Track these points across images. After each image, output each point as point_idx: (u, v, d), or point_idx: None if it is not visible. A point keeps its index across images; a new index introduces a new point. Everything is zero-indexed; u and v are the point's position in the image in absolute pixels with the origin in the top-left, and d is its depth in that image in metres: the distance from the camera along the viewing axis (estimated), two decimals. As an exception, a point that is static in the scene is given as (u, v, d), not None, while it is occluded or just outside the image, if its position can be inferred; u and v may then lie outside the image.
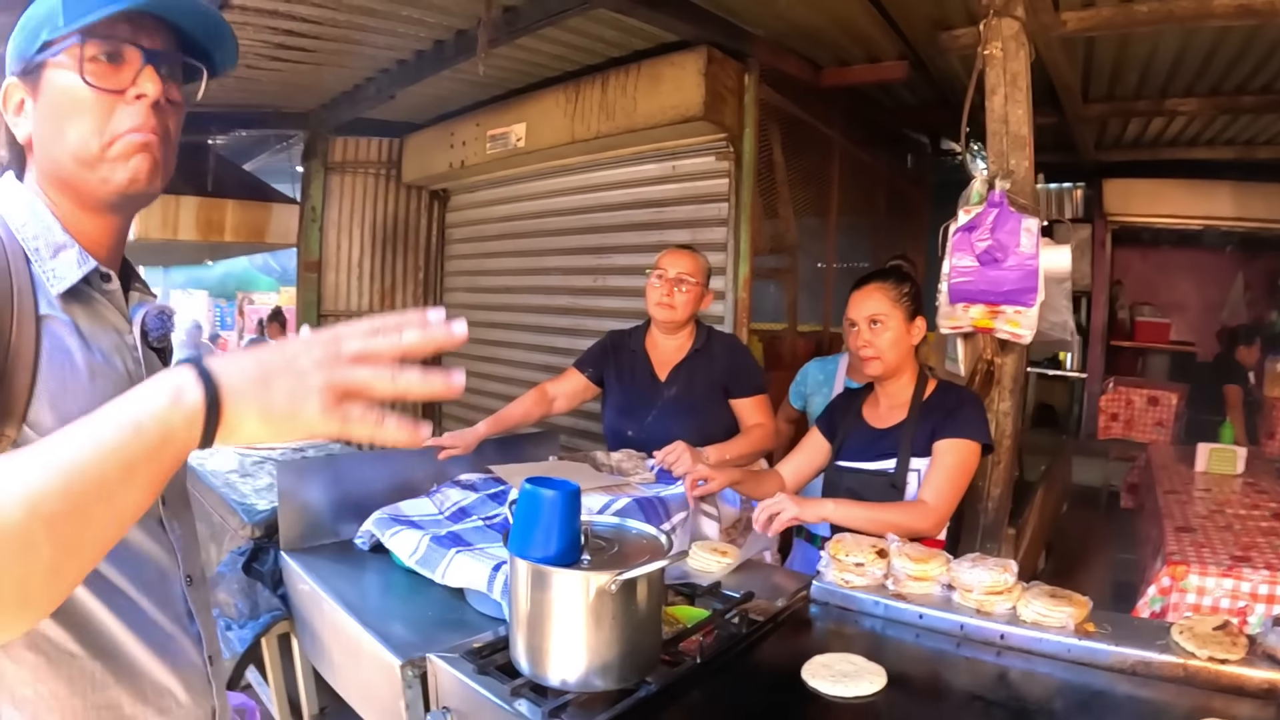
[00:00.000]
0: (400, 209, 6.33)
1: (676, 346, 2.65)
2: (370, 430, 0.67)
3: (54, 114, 0.93)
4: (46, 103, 0.94)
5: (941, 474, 1.97)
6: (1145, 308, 7.23)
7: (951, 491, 1.96)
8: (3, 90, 0.96)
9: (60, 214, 0.96)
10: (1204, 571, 2.37)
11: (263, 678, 2.32)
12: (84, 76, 0.90)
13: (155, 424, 0.63)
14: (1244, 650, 1.30)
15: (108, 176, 0.94)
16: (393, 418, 0.67)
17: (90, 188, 0.95)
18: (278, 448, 3.49)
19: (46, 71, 0.93)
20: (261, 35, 3.77)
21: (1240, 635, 1.34)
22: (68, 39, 0.90)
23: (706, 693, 1.25)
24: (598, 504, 1.97)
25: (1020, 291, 2.35)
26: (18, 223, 0.93)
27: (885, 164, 6.09)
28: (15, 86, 0.96)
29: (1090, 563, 4.33)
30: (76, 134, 0.92)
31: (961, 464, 1.98)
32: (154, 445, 0.63)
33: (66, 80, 0.92)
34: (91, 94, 0.91)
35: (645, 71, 3.98)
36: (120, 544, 0.86)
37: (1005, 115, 2.59)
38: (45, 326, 0.89)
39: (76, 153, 0.92)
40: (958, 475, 1.97)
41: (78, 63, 0.91)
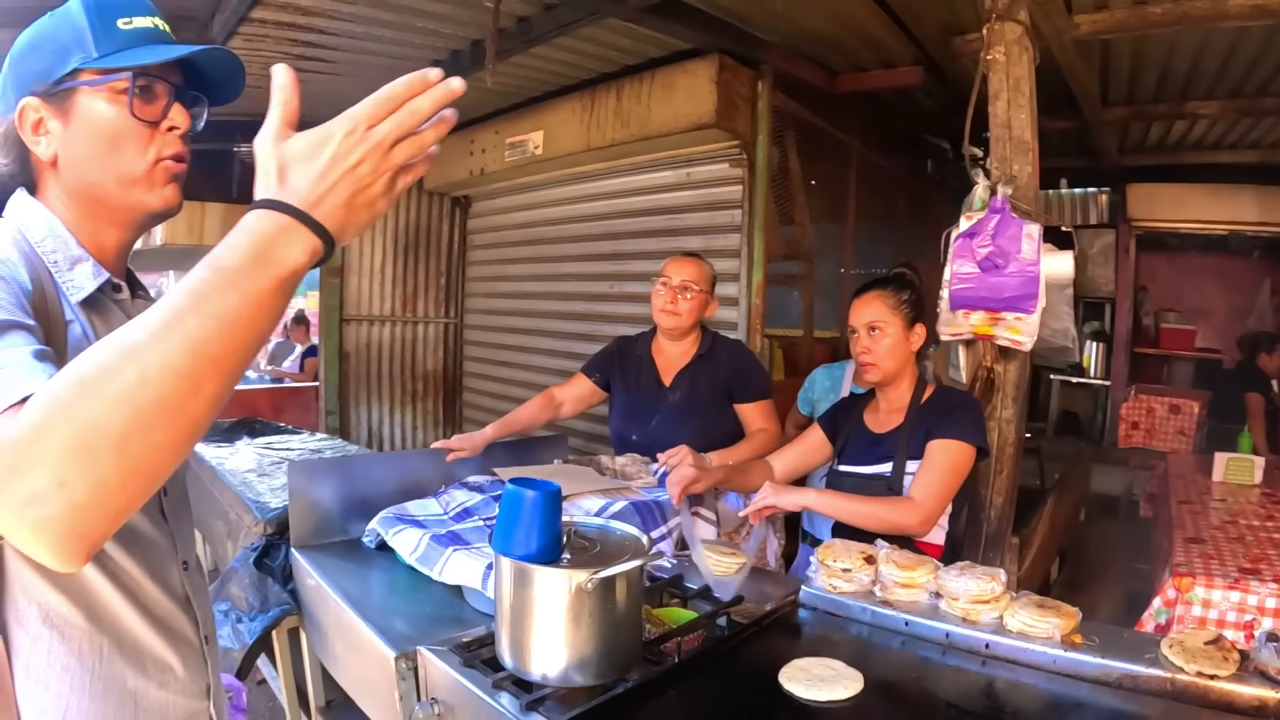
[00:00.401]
0: (422, 215, 6.43)
1: (681, 352, 2.68)
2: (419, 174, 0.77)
3: (94, 139, 0.99)
4: (84, 128, 0.99)
5: (930, 472, 1.96)
6: (1170, 314, 7.13)
7: (939, 490, 1.94)
8: (19, 108, 0.98)
9: (76, 229, 1.02)
10: (1210, 584, 2.33)
11: (274, 670, 2.38)
12: (132, 111, 0.98)
13: (294, 277, 0.71)
14: (1235, 666, 1.27)
15: (145, 199, 1.03)
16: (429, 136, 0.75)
17: (126, 208, 1.03)
18: (295, 448, 3.57)
19: (80, 97, 0.98)
20: (281, 47, 3.86)
21: (1232, 651, 1.31)
22: (114, 73, 0.98)
23: (683, 692, 1.27)
24: (595, 506, 2.01)
25: (1021, 298, 2.35)
26: (37, 237, 0.99)
27: (904, 169, 6.08)
28: (35, 107, 0.99)
29: (1105, 573, 4.28)
30: (120, 160, 1.00)
31: (952, 464, 1.96)
32: (289, 283, 0.71)
33: (107, 109, 0.99)
34: (134, 125, 0.99)
35: (659, 79, 4.03)
36: (127, 531, 0.98)
37: (1008, 120, 2.59)
38: (69, 330, 0.96)
39: (121, 177, 1.00)
40: (947, 475, 1.96)
41: (122, 96, 0.98)
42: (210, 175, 5.61)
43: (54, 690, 0.95)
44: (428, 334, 6.65)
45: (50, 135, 1.00)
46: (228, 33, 3.58)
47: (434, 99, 0.73)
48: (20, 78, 0.99)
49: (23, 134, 0.99)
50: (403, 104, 0.73)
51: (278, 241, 0.70)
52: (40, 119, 0.99)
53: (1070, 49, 3.33)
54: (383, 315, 6.44)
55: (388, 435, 6.53)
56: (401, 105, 0.73)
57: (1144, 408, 5.85)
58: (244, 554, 2.18)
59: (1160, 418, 5.78)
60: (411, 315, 6.54)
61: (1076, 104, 4.36)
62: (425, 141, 0.74)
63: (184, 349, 0.65)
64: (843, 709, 1.23)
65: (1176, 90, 4.51)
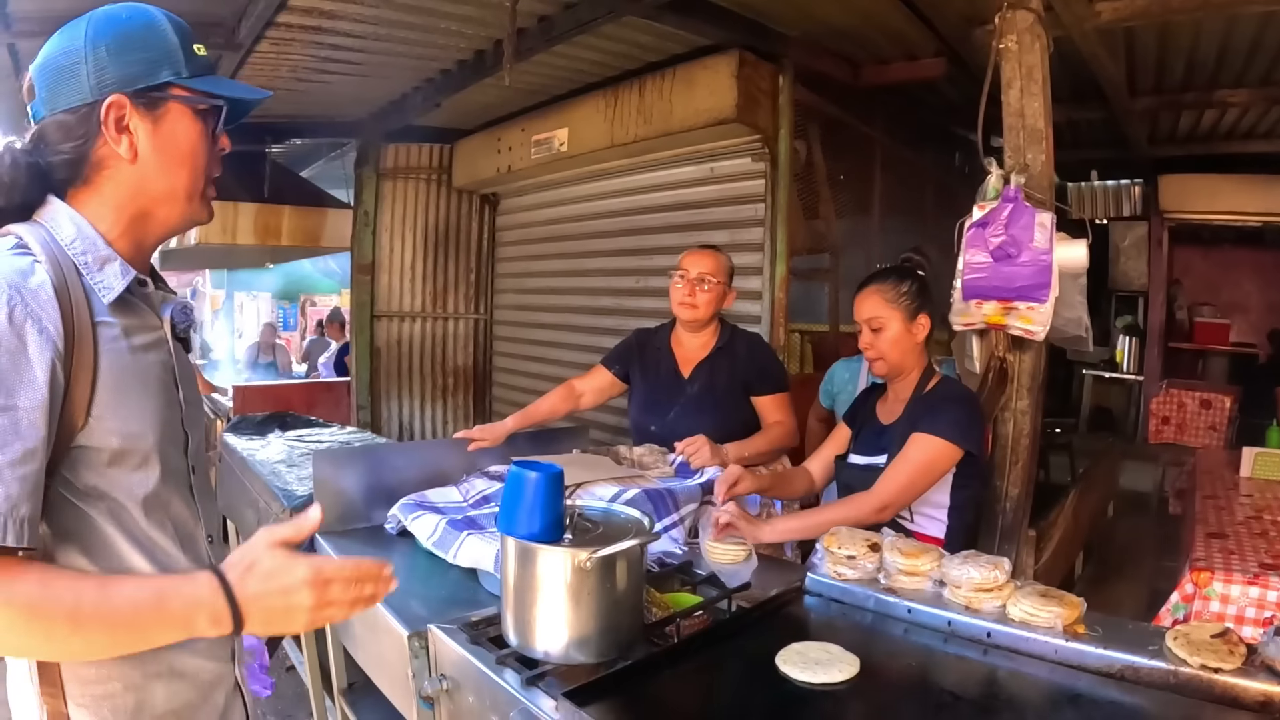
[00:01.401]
0: (451, 213, 6.51)
1: (700, 344, 2.71)
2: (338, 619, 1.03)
3: (173, 150, 1.08)
4: (168, 138, 1.07)
5: (898, 464, 1.96)
6: (1204, 308, 7.00)
7: (902, 483, 1.94)
8: (109, 102, 1.02)
9: (106, 230, 1.06)
10: (1229, 579, 2.29)
11: (300, 654, 2.45)
12: (215, 135, 1.12)
13: (198, 633, 0.94)
14: (1241, 660, 1.23)
15: (198, 212, 1.14)
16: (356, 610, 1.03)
17: (175, 215, 1.12)
18: (324, 440, 3.65)
19: (172, 108, 1.07)
20: (308, 50, 3.95)
21: (1239, 644, 1.27)
22: (207, 97, 1.09)
23: (680, 672, 1.29)
24: (609, 494, 2.04)
25: (1034, 287, 2.34)
26: (66, 239, 1.03)
27: (931, 162, 6.04)
28: (124, 105, 1.03)
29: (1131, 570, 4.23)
30: (187, 173, 1.10)
31: (924, 459, 1.95)
32: (182, 634, 0.95)
33: (191, 126, 1.09)
34: (208, 146, 1.12)
35: (680, 75, 4.06)
36: (161, 508, 1.08)
37: (1021, 109, 2.58)
38: (100, 331, 1.01)
39: (188, 189, 1.10)
40: (914, 469, 1.95)
41: (202, 117, 1.10)
42: (243, 176, 5.75)
43: (97, 660, 1.02)
44: (457, 330, 6.74)
45: (132, 136, 1.04)
46: (254, 37, 3.67)
47: (380, 592, 1.02)
48: (105, 72, 1.02)
49: (106, 128, 1.03)
50: (365, 583, 0.99)
51: (203, 618, 0.92)
52: (124, 117, 1.03)
53: (1093, 37, 3.29)
54: (413, 311, 6.55)
55: (418, 429, 6.63)
56: (363, 584, 0.99)
57: (1175, 402, 5.75)
58: (271, 540, 2.25)
59: (1191, 413, 5.68)
60: (441, 311, 6.64)
61: (1104, 94, 4.30)
62: (345, 613, 1.00)
63: (106, 638, 0.91)
64: (836, 692, 1.25)
65: (1205, 78, 4.43)
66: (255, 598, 0.93)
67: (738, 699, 1.25)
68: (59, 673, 1.01)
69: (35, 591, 0.86)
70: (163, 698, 1.08)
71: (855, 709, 1.25)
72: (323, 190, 6.87)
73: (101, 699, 1.03)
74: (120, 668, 1.03)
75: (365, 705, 2.18)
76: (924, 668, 1.39)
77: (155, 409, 1.06)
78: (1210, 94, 4.59)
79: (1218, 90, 4.55)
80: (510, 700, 1.22)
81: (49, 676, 1.00)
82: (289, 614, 0.95)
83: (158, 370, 1.09)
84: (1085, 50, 3.43)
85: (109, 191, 1.06)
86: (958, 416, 2.00)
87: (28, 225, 1.02)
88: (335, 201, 6.71)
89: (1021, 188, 2.43)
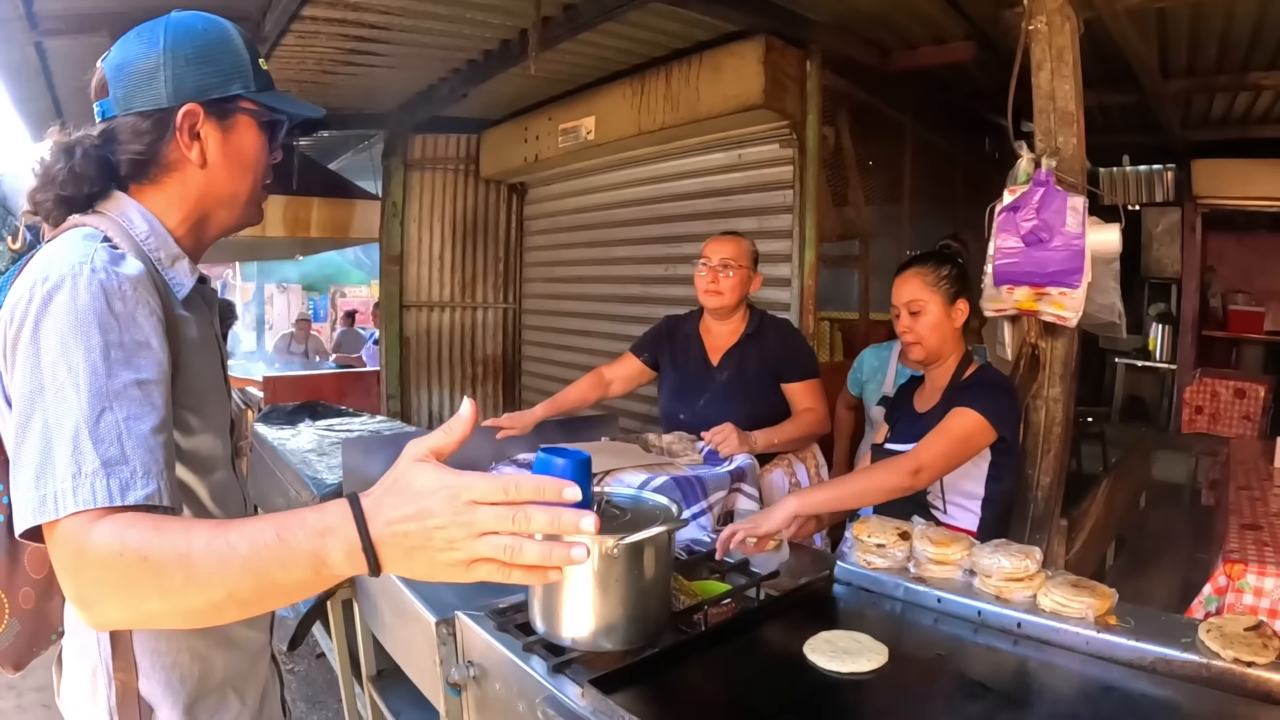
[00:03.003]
0: (479, 202, 6.55)
1: (729, 331, 2.69)
2: (502, 579, 0.74)
3: (241, 158, 1.13)
4: (236, 147, 1.13)
5: (936, 432, 1.93)
6: (1239, 295, 6.85)
7: (940, 449, 1.90)
8: (184, 110, 1.06)
9: (179, 227, 1.11)
10: (1263, 571, 2.25)
11: (330, 641, 2.49)
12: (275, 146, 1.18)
13: (331, 573, 0.77)
14: (1275, 654, 1.22)
15: (253, 216, 1.19)
16: (529, 550, 0.73)
17: (234, 218, 1.17)
18: (354, 429, 3.69)
19: (241, 120, 1.12)
20: (334, 43, 3.98)
21: (1273, 638, 1.25)
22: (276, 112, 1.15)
23: (708, 660, 1.30)
24: (637, 481, 2.04)
25: (1066, 273, 2.29)
26: (141, 234, 1.07)
27: (963, 148, 5.96)
28: (198, 114, 1.08)
29: (1163, 561, 4.16)
30: (248, 180, 1.16)
31: (961, 430, 1.92)
32: (325, 581, 0.78)
33: (256, 137, 1.15)
34: (268, 155, 1.18)
35: (706, 62, 4.03)
36: (217, 487, 1.14)
37: (1052, 91, 2.53)
38: (180, 325, 1.05)
39: (250, 195, 1.17)
40: (952, 438, 1.92)
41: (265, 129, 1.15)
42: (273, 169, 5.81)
43: (168, 633, 1.09)
44: (486, 319, 6.78)
45: (203, 143, 1.09)
46: (280, 30, 3.70)
47: (554, 519, 0.73)
48: (183, 81, 1.07)
49: (180, 134, 1.07)
50: (522, 504, 0.73)
51: (335, 550, 0.75)
52: (196, 124, 1.08)
53: (1123, 19, 3.22)
54: (442, 301, 6.59)
55: (448, 418, 6.60)
56: (520, 504, 0.73)
57: (1208, 392, 5.63)
58: (302, 527, 2.28)
59: (1225, 402, 5.56)
60: (470, 301, 6.68)
61: (1135, 77, 4.21)
62: (516, 554, 0.72)
63: (223, 588, 0.76)
64: (864, 681, 1.24)
65: (1238, 61, 4.32)
66: (390, 525, 0.74)
67: (765, 687, 1.25)
68: (131, 647, 1.06)
69: (149, 536, 0.77)
70: (221, 666, 1.15)
71: (884, 699, 1.24)
72: (351, 182, 6.93)
73: (171, 669, 1.09)
74: (188, 638, 1.10)
75: (394, 692, 2.20)
76: (953, 658, 1.38)
77: (218, 402, 1.16)
78: (1244, 76, 4.48)
79: (1251, 73, 4.44)
80: (537, 687, 1.23)
81: (122, 650, 1.06)
82: (429, 550, 0.73)
83: (216, 364, 1.17)
84: (1116, 32, 3.36)
85: (175, 193, 1.11)
86: (997, 401, 1.98)
87: (98, 217, 1.06)
88: (363, 193, 6.77)
89: (1053, 171, 2.39)
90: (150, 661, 1.08)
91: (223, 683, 1.16)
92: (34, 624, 1.11)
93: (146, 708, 1.07)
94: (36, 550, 1.09)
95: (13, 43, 3.72)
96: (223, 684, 1.16)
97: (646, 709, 1.11)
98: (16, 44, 3.74)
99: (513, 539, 0.72)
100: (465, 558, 0.73)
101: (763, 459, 2.44)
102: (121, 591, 0.76)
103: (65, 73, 4.17)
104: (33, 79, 4.24)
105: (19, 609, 1.10)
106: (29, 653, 1.13)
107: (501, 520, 0.72)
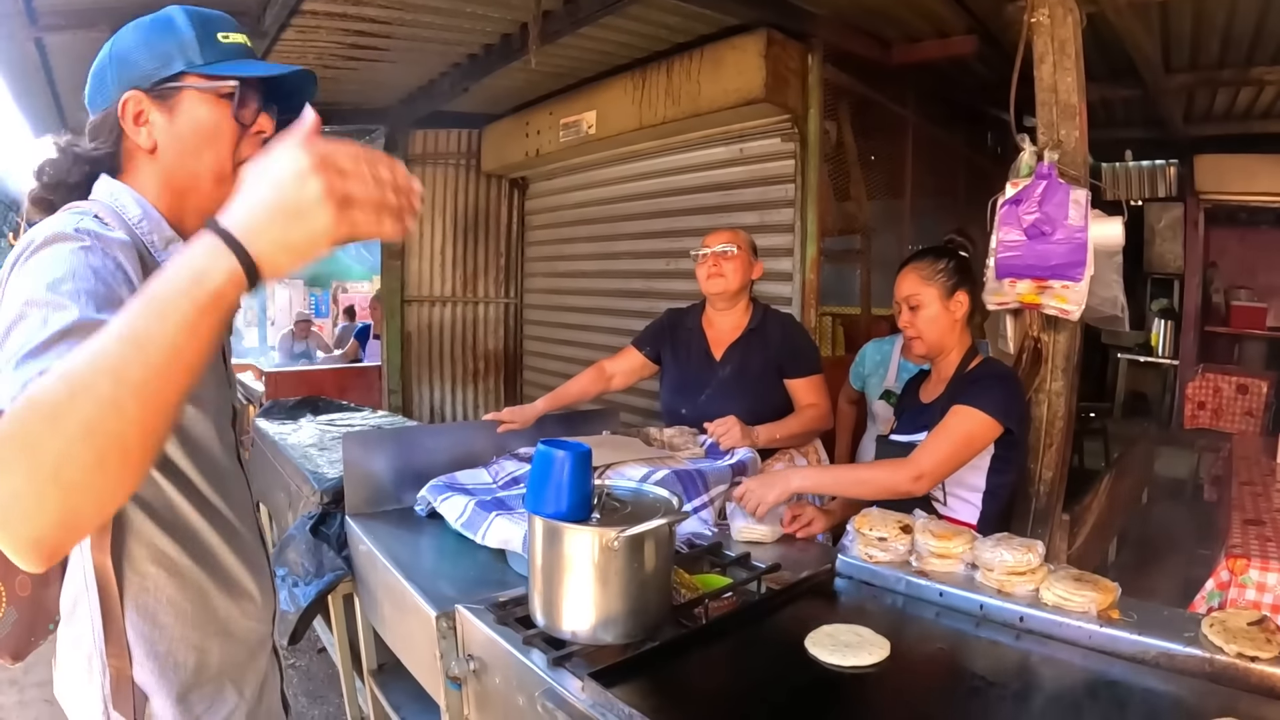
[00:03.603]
0: (480, 198, 6.54)
1: (732, 325, 2.67)
2: (374, 229, 0.73)
3: (194, 136, 1.12)
4: (187, 125, 1.11)
5: (937, 434, 1.93)
6: (1241, 291, 6.83)
7: (940, 454, 1.91)
8: (122, 100, 1.09)
9: (166, 211, 1.14)
10: (1265, 566, 2.23)
11: (330, 635, 2.49)
12: (236, 116, 1.12)
13: (207, 295, 0.70)
14: (1278, 649, 1.21)
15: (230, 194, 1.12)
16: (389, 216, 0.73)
17: (213, 200, 1.13)
18: (356, 424, 3.69)
19: (186, 97, 1.11)
20: (335, 37, 3.97)
21: (1276, 633, 1.24)
22: (220, 80, 1.11)
23: (708, 653, 1.29)
24: (638, 474, 2.03)
25: (1068, 266, 2.28)
26: (133, 218, 1.10)
27: (965, 143, 5.94)
28: (138, 100, 1.10)
29: (1165, 557, 4.16)
30: (215, 157, 1.13)
31: (964, 430, 1.93)
32: (209, 307, 0.70)
33: (209, 111, 1.12)
34: (232, 127, 1.13)
35: (708, 56, 4.02)
36: (217, 474, 1.16)
37: (1054, 84, 2.52)
38: None
39: (214, 171, 1.13)
40: (956, 439, 1.92)
41: (223, 101, 1.11)
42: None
43: (161, 622, 1.10)
44: (488, 314, 6.78)
45: (150, 126, 1.11)
46: (279, 25, 3.68)
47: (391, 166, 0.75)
48: (124, 74, 1.10)
49: (124, 123, 1.10)
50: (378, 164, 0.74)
51: (198, 258, 0.70)
52: (142, 111, 1.10)
53: (1125, 13, 3.20)
54: (443, 296, 6.59)
55: (449, 413, 6.69)
56: (376, 163, 0.74)
57: (1211, 387, 5.62)
58: (301, 521, 2.28)
59: (1227, 398, 5.55)
60: (472, 296, 6.68)
61: (1138, 71, 4.19)
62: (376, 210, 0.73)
63: (109, 375, 0.66)
64: (865, 675, 1.24)
65: (1241, 55, 4.31)
66: (250, 209, 0.72)
67: (766, 681, 1.25)
68: (124, 633, 1.07)
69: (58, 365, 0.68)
70: (217, 656, 1.16)
71: (885, 692, 1.24)
72: (353, 177, 6.91)
73: (164, 657, 1.10)
74: (181, 628, 1.12)
75: (395, 687, 2.21)
76: (955, 652, 1.38)
77: (213, 383, 1.18)
78: (1247, 71, 4.46)
79: (1254, 68, 4.42)
80: (537, 681, 1.23)
81: (115, 637, 1.07)
82: (302, 209, 0.70)
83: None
84: (1119, 26, 3.35)
85: (148, 180, 1.13)
86: (1000, 393, 1.97)
87: (91, 201, 1.09)
88: (364, 188, 6.76)
89: (1055, 164, 2.38)
90: (144, 650, 1.09)
91: (219, 674, 1.17)
92: (31, 612, 1.11)
93: (140, 695, 1.09)
94: None
95: (12, 38, 3.71)
96: (219, 675, 1.17)
97: (647, 702, 1.11)
98: (16, 40, 3.72)
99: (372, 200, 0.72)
100: (338, 217, 0.71)
101: (764, 453, 2.43)
102: (18, 445, 0.64)
103: (65, 68, 4.16)
104: (33, 75, 4.23)
105: (15, 597, 1.10)
106: (27, 642, 1.12)
107: (357, 164, 0.72)
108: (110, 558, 1.05)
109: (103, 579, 1.06)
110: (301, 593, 2.08)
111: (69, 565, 1.11)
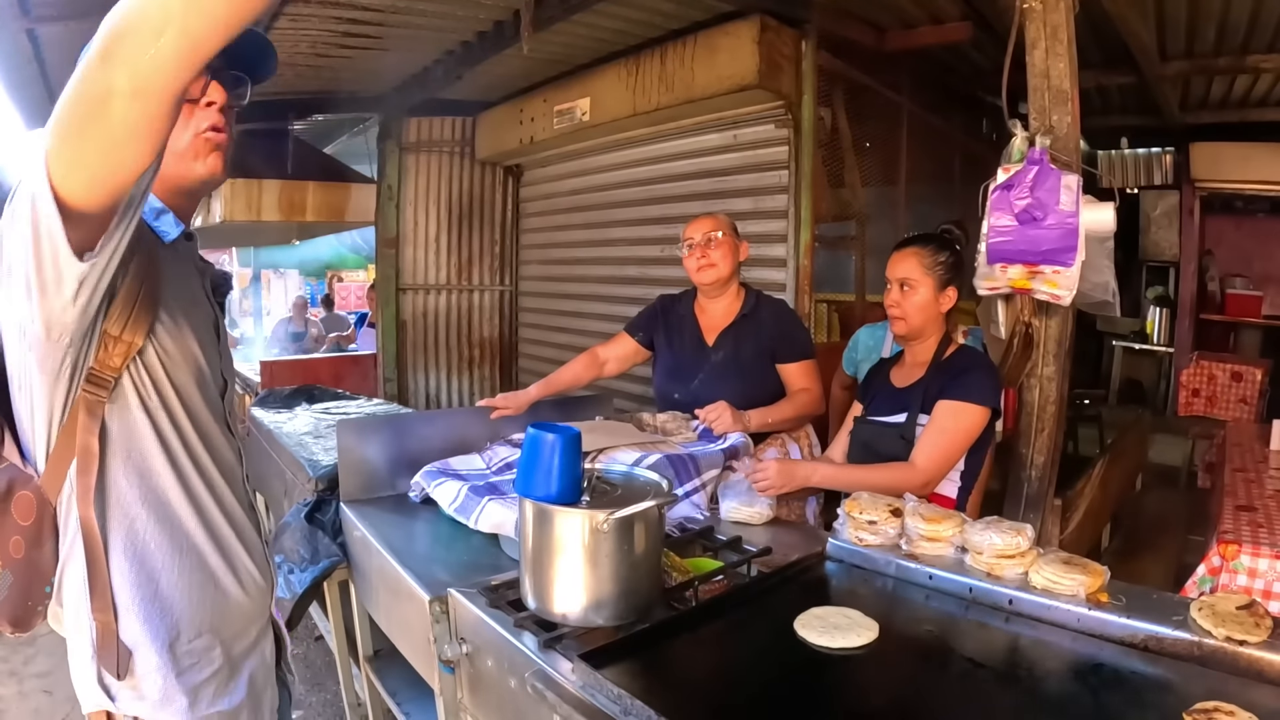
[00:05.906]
0: (475, 185, 6.52)
1: (724, 311, 2.68)
2: None
3: None
4: None
5: (934, 435, 2.00)
6: (1237, 279, 6.85)
7: (943, 453, 1.99)
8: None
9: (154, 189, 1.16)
10: (1256, 552, 2.25)
11: (327, 622, 2.50)
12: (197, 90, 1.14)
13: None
14: (1267, 633, 1.22)
15: (192, 168, 1.19)
16: None
17: (178, 176, 1.19)
18: (351, 412, 3.69)
19: None
20: (327, 25, 3.94)
21: (1265, 617, 1.25)
22: None
23: (698, 635, 1.30)
24: (630, 459, 2.04)
25: (1059, 251, 2.29)
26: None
27: (960, 129, 5.93)
28: None
29: (1158, 543, 4.18)
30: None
31: (959, 427, 2.01)
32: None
33: None
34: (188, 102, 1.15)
35: (701, 42, 4.01)
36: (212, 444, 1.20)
37: (1046, 69, 2.52)
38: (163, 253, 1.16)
39: (170, 148, 1.11)
40: (952, 437, 2.00)
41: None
42: (266, 153, 5.78)
43: (150, 566, 1.13)
44: (483, 301, 6.77)
45: None
46: (272, 13, 3.66)
47: None
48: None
49: None
50: None
51: None
52: None
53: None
54: (438, 284, 6.58)
55: (445, 400, 6.70)
56: None
57: (1205, 374, 5.64)
58: (296, 509, 2.29)
59: (1222, 385, 5.58)
60: (467, 283, 6.67)
61: (1134, 58, 4.19)
62: None
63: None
64: (854, 656, 1.25)
65: (1236, 43, 4.31)
66: None
67: (755, 663, 1.26)
68: (110, 588, 1.10)
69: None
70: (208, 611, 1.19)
71: (873, 674, 1.25)
72: (346, 165, 6.89)
73: (153, 602, 1.13)
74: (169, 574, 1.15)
75: (391, 673, 2.22)
76: (944, 634, 1.39)
77: (205, 341, 1.21)
78: (1242, 59, 4.46)
79: (1250, 55, 4.42)
80: (528, 663, 1.23)
81: (100, 591, 1.10)
82: None
83: (204, 313, 1.24)
84: (1114, 12, 3.35)
85: None
86: (983, 380, 2.05)
87: None
88: (359, 176, 6.73)
89: (1047, 150, 2.38)
90: (132, 595, 1.11)
91: (209, 636, 1.19)
92: (26, 574, 1.12)
93: (125, 650, 1.11)
94: (23, 497, 1.11)
95: (5, 30, 3.68)
96: (209, 637, 1.19)
97: (637, 684, 1.12)
98: (9, 31, 3.69)
99: None
100: None
101: (756, 438, 2.44)
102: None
103: (58, 60, 4.14)
104: (25, 66, 4.20)
105: (9, 558, 1.11)
106: (24, 607, 1.13)
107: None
108: (95, 511, 1.08)
109: (88, 534, 1.09)
110: (297, 579, 2.09)
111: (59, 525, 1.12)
